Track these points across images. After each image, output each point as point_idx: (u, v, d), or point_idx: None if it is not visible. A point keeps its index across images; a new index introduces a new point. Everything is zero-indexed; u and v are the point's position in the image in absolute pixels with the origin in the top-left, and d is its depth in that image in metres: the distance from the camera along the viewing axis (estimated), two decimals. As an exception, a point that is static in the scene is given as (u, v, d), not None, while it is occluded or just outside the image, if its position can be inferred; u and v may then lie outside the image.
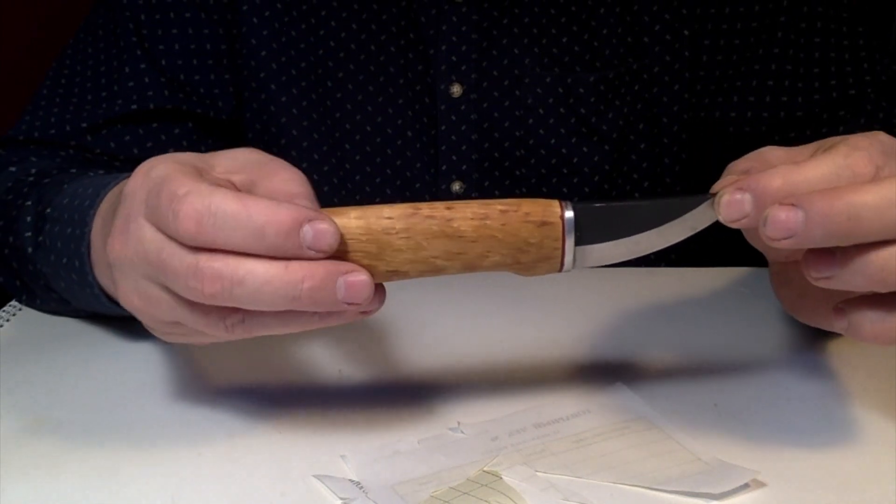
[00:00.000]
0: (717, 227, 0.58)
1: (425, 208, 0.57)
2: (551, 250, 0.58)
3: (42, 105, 0.92)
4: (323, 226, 0.54)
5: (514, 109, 0.93)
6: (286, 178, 0.59)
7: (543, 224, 0.57)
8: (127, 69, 0.92)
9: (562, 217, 0.57)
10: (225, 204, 0.53)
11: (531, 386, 0.69)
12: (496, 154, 0.94)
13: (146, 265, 0.56)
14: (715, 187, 0.57)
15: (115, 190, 0.69)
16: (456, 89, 0.93)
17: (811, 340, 0.75)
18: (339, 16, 0.93)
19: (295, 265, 0.53)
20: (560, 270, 0.59)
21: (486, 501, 0.56)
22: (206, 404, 0.67)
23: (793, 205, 0.52)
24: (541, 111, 0.93)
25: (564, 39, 0.92)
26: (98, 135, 0.91)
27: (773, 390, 0.68)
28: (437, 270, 0.58)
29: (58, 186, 0.77)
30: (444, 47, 0.92)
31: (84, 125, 0.90)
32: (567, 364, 0.71)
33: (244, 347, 0.74)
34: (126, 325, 0.79)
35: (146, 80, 0.91)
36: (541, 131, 0.94)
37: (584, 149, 0.94)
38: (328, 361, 0.72)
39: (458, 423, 0.64)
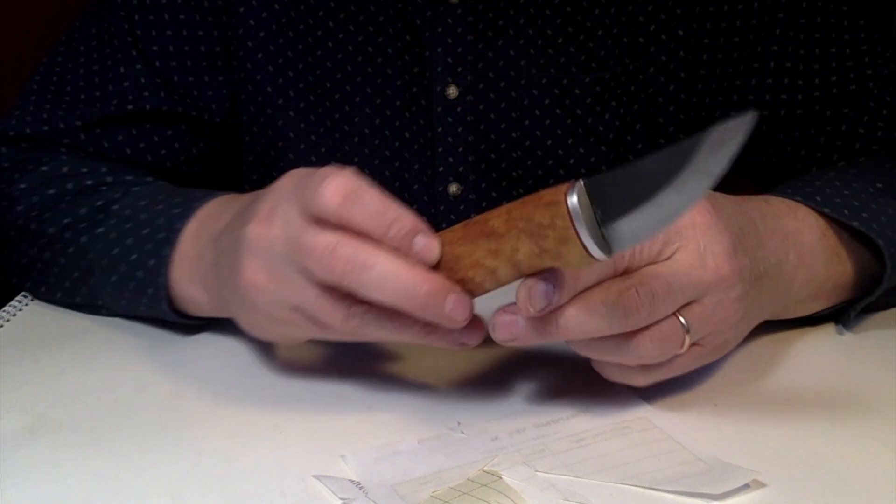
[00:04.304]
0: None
1: (474, 217, 0.60)
2: (563, 230, 0.56)
3: (33, 100, 0.92)
4: (426, 239, 0.60)
5: (510, 111, 0.93)
6: None
7: (550, 204, 0.57)
8: (122, 69, 0.91)
9: (565, 193, 0.56)
10: (371, 192, 0.60)
11: (531, 386, 0.69)
12: (492, 155, 0.94)
13: (286, 245, 0.62)
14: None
15: (224, 199, 0.77)
16: (452, 91, 0.92)
17: (811, 340, 0.75)
18: (337, 17, 0.93)
19: (420, 269, 0.60)
20: (589, 254, 0.57)
21: (486, 501, 0.56)
22: (206, 404, 0.67)
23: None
24: (537, 112, 0.93)
25: (560, 40, 0.92)
26: (91, 133, 0.90)
27: (773, 390, 0.68)
28: (490, 273, 0.60)
29: (122, 186, 0.84)
30: (439, 49, 0.91)
31: (78, 123, 0.90)
32: (567, 364, 0.71)
33: (244, 347, 0.75)
34: (126, 325, 0.79)
35: (142, 80, 0.91)
36: (537, 132, 0.93)
37: (581, 150, 0.94)
38: (328, 361, 0.72)
39: (458, 423, 0.65)
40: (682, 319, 0.63)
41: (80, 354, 0.75)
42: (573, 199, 0.56)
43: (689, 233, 0.63)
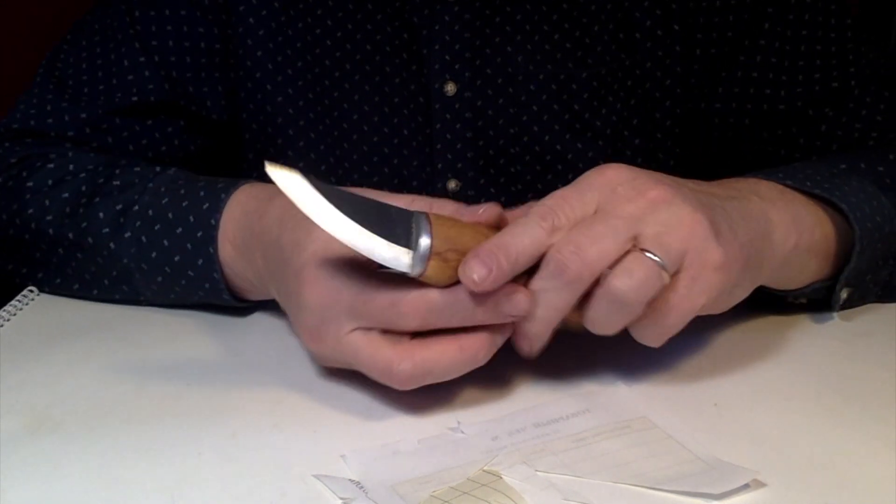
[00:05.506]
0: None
1: None
2: None
3: (36, 93, 0.93)
4: (518, 296, 0.62)
5: (507, 107, 0.93)
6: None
7: None
8: (125, 62, 0.92)
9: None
10: (439, 298, 0.62)
11: (531, 386, 0.69)
12: (491, 151, 0.94)
13: (343, 357, 0.65)
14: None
15: (244, 200, 0.77)
16: (450, 88, 0.93)
17: (811, 340, 0.75)
18: (335, 16, 0.93)
19: (468, 343, 0.64)
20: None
21: (486, 501, 0.56)
22: (206, 404, 0.67)
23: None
24: (534, 108, 0.93)
25: (556, 36, 0.93)
26: (98, 129, 0.91)
27: (773, 390, 0.68)
28: None
29: (133, 186, 0.83)
30: (437, 46, 0.92)
31: (83, 115, 0.91)
32: (567, 364, 0.71)
33: (243, 348, 0.74)
34: (127, 324, 0.79)
35: (145, 73, 0.92)
36: (535, 128, 0.94)
37: (579, 145, 0.94)
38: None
39: (458, 423, 0.65)
40: (642, 250, 0.62)
41: (81, 354, 0.75)
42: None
43: (599, 179, 0.66)
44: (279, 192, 0.74)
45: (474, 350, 0.64)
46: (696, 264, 0.63)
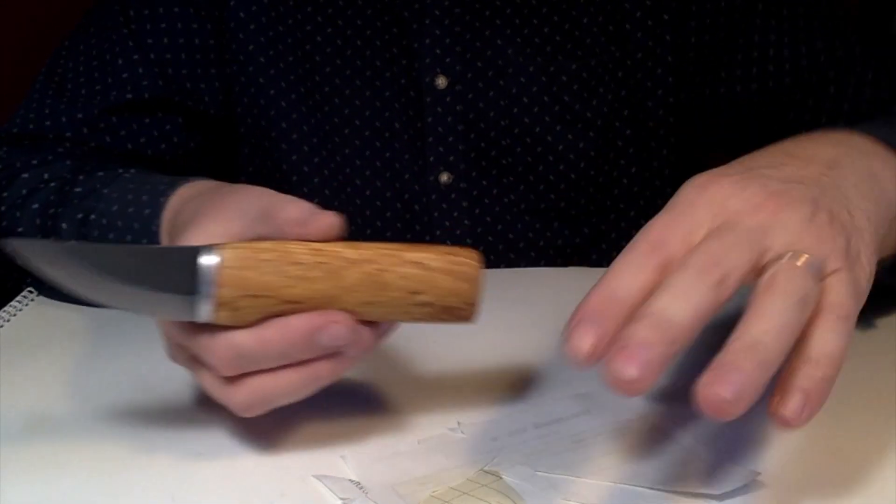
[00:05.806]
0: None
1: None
2: None
3: (36, 97, 0.94)
4: (335, 327, 0.57)
5: (498, 99, 0.94)
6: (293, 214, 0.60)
7: None
8: (120, 61, 0.93)
9: None
10: (246, 341, 0.57)
11: (531, 386, 0.69)
12: (482, 144, 0.95)
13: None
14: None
15: (174, 204, 0.74)
16: (441, 81, 0.93)
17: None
18: (326, 11, 0.94)
19: (307, 363, 0.58)
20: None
21: (486, 501, 0.56)
22: (206, 404, 0.67)
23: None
24: (525, 100, 0.94)
25: (546, 29, 0.93)
26: (95, 128, 0.92)
27: (772, 390, 0.68)
28: None
29: (93, 193, 0.82)
30: (427, 40, 0.92)
31: (80, 115, 0.91)
32: (567, 364, 0.71)
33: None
34: (126, 324, 0.79)
35: (140, 70, 0.92)
36: (526, 120, 0.94)
37: (569, 136, 0.95)
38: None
39: (458, 423, 0.65)
40: (782, 259, 0.53)
41: (80, 354, 0.75)
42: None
43: (703, 196, 0.55)
44: (198, 194, 0.72)
45: (312, 370, 0.59)
46: (847, 262, 0.55)
